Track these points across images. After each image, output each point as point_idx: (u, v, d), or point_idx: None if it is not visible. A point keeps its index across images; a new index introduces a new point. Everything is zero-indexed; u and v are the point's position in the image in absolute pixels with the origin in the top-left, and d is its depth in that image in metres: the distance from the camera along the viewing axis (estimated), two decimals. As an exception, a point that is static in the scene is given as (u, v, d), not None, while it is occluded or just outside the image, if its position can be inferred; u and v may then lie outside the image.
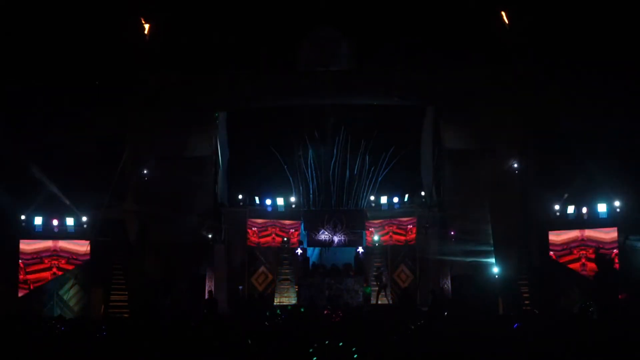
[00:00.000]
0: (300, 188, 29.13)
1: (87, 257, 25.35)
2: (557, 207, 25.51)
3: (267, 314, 20.50)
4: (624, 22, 24.16)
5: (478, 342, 11.61)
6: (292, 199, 28.86)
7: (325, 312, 21.47)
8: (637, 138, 23.87)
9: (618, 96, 24.31)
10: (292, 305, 26.05)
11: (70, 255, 25.33)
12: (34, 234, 25.21)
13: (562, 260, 25.36)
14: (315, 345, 10.90)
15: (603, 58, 24.26)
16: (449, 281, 25.83)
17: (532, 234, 25.98)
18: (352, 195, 29.25)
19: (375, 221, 28.31)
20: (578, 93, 24.57)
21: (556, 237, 25.47)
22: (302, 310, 22.78)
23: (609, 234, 24.86)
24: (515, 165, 26.08)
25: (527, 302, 24.63)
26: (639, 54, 24.01)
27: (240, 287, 27.15)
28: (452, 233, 26.27)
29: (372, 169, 29.16)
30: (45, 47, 25.17)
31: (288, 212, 28.61)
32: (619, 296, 22.00)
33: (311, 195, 29.30)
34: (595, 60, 24.31)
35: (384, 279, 27.06)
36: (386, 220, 28.19)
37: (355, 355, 10.36)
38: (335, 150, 29.19)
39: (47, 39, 25.09)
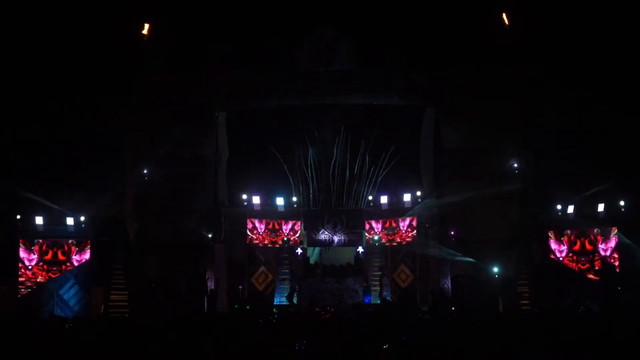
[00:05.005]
0: (300, 188, 29.10)
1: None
2: (557, 207, 25.53)
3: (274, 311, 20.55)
4: (624, 21, 24.17)
5: (478, 341, 11.61)
6: (292, 199, 28.83)
7: (317, 309, 21.55)
8: (638, 137, 23.88)
9: (618, 95, 24.32)
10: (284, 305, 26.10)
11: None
12: (33, 234, 25.18)
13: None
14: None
15: (603, 57, 24.28)
16: (449, 281, 25.82)
17: (532, 234, 25.97)
18: (352, 195, 29.23)
19: (375, 221, 28.29)
20: (578, 92, 24.56)
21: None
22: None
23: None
24: (515, 165, 26.07)
25: (526, 301, 24.65)
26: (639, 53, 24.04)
27: (240, 287, 27.16)
28: (452, 233, 26.25)
29: (372, 168, 29.14)
30: (44, 47, 25.16)
31: (288, 212, 28.58)
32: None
33: (311, 195, 29.26)
34: (595, 60, 24.32)
35: (384, 280, 27.12)
36: (386, 219, 28.18)
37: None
38: (335, 150, 29.17)
39: (46, 39, 25.09)
